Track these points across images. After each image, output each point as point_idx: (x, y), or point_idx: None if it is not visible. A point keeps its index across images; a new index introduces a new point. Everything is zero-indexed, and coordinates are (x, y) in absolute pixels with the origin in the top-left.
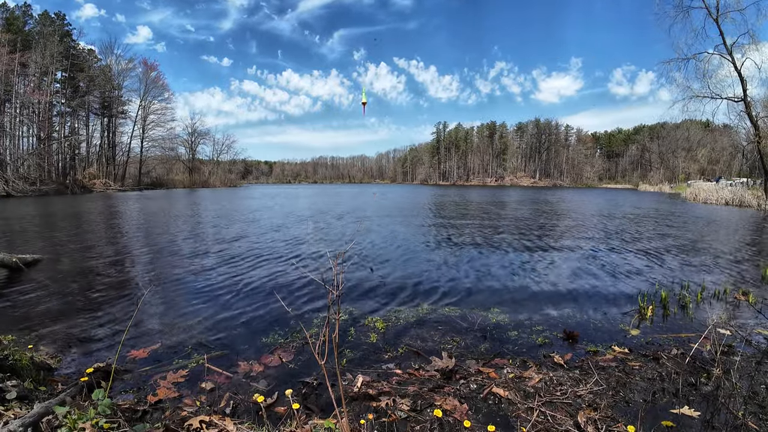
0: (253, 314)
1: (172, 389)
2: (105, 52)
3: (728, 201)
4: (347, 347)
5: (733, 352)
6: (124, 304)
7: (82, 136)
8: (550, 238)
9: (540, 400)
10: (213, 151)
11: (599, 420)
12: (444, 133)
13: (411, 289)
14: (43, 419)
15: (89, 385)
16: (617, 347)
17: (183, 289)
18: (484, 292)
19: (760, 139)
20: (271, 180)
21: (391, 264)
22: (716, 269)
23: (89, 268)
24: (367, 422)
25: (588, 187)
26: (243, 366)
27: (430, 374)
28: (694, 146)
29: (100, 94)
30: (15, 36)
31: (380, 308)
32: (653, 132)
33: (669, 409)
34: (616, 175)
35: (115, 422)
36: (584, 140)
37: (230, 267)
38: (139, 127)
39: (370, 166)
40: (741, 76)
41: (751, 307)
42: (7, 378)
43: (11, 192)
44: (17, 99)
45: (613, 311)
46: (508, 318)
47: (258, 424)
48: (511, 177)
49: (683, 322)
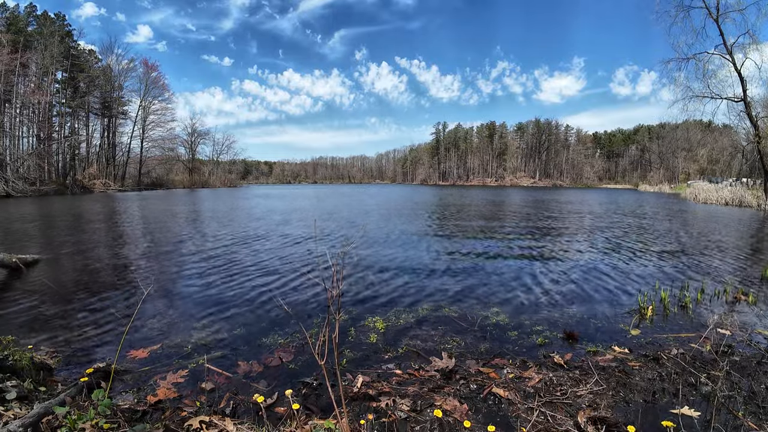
0: (253, 314)
1: (172, 389)
2: (105, 52)
3: (728, 201)
4: (347, 347)
5: (733, 352)
6: (124, 304)
7: (82, 136)
8: (550, 238)
9: (540, 400)
10: (213, 151)
11: (599, 420)
12: (444, 133)
13: (411, 289)
14: (43, 419)
15: (89, 386)
16: (617, 347)
17: (183, 290)
18: (484, 292)
19: (760, 139)
20: (271, 180)
21: (391, 264)
22: (716, 269)
23: (89, 268)
24: (367, 422)
25: (588, 187)
26: (243, 366)
27: (430, 374)
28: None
29: (101, 94)
30: (17, 36)
31: (380, 308)
32: (653, 132)
33: (669, 409)
34: (616, 176)
35: (115, 422)
36: (584, 140)
37: (230, 267)
38: (139, 127)
39: (370, 167)
40: (741, 76)
41: (751, 307)
42: (7, 378)
43: (11, 192)
44: (17, 99)
45: (613, 311)
46: (508, 318)
47: (258, 425)
48: (511, 177)
49: (683, 322)
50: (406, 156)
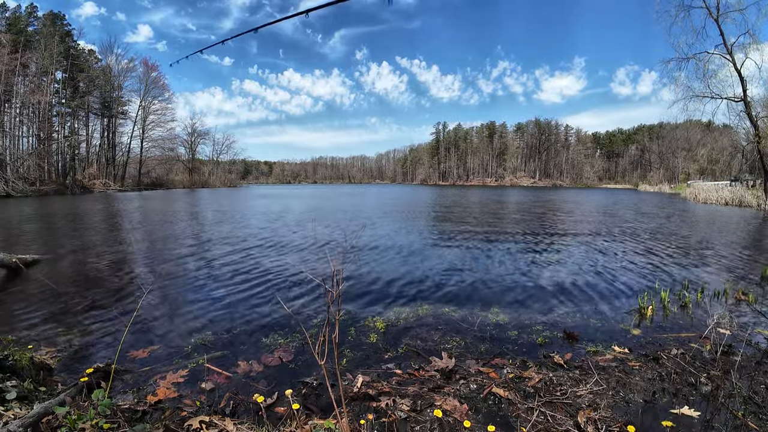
0: (253, 314)
1: (172, 389)
2: (105, 52)
3: (728, 201)
4: (347, 347)
5: (733, 352)
6: (124, 304)
7: (82, 136)
8: (550, 237)
9: (540, 400)
10: (213, 151)
11: (599, 420)
12: (443, 133)
13: (411, 289)
14: (43, 419)
15: (89, 386)
16: (617, 347)
17: (183, 289)
18: (484, 292)
19: (759, 139)
20: (271, 180)
21: (391, 264)
22: (716, 269)
23: (89, 268)
24: (367, 422)
25: (588, 187)
26: (243, 366)
27: (430, 374)
28: (694, 146)
29: (100, 94)
30: (17, 36)
31: (380, 308)
32: (653, 132)
33: (669, 409)
34: (616, 176)
35: (115, 422)
36: (584, 140)
37: (230, 267)
38: (139, 127)
39: (370, 167)
40: (741, 76)
41: (751, 307)
42: (7, 378)
43: (11, 192)
44: (17, 99)
45: (613, 311)
46: (508, 318)
47: (258, 425)
48: (510, 177)
49: (683, 322)
50: (406, 156)
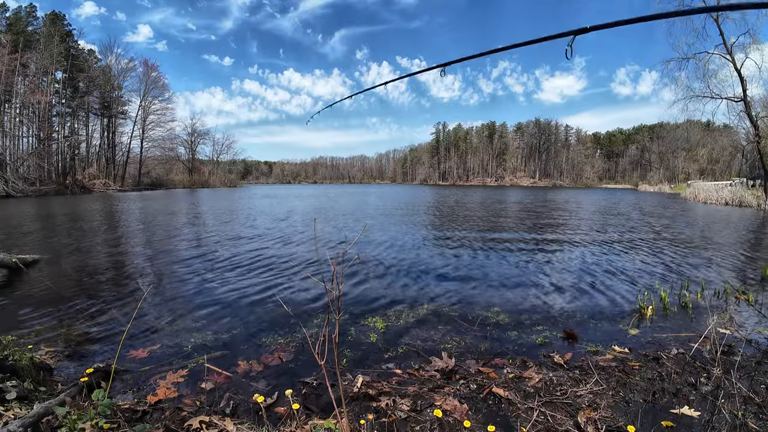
0: (253, 314)
1: (172, 389)
2: (105, 52)
3: (728, 201)
4: (347, 347)
5: (733, 352)
6: (124, 304)
7: (82, 136)
8: (550, 237)
9: (540, 400)
10: (213, 151)
11: (599, 420)
12: (443, 133)
13: (411, 289)
14: (42, 419)
15: (89, 385)
16: (617, 347)
17: (183, 289)
18: (484, 292)
19: (759, 139)
20: (271, 180)
21: (392, 264)
22: (716, 269)
23: (89, 268)
24: (367, 422)
25: (588, 187)
26: (243, 366)
27: (430, 374)
28: (694, 146)
29: (100, 94)
30: (17, 36)
31: (380, 308)
32: (653, 132)
33: (669, 409)
34: (616, 175)
35: (115, 422)
36: (584, 140)
37: (230, 267)
38: (139, 127)
39: (370, 167)
40: (741, 76)
41: (751, 307)
42: (7, 378)
43: (11, 192)
44: (17, 99)
45: (613, 311)
46: (508, 318)
47: (258, 425)
48: (510, 177)
49: (683, 322)
50: (406, 156)
